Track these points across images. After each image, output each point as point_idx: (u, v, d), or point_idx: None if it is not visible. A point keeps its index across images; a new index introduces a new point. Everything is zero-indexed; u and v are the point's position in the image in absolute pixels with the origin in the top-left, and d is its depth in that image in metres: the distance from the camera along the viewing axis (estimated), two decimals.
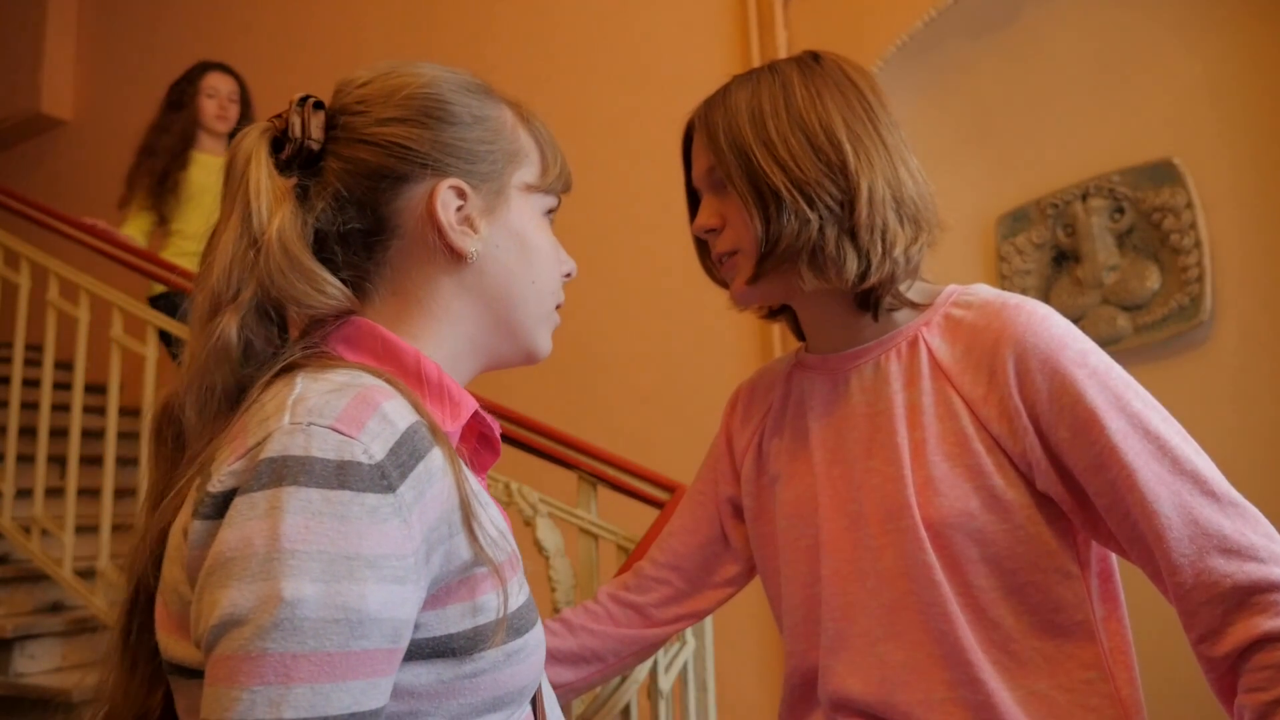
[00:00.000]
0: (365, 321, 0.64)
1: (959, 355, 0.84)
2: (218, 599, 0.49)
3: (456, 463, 0.58)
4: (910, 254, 0.84)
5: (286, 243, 0.61)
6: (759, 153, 0.82)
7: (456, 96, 0.68)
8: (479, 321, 0.69)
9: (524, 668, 0.60)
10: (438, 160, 0.66)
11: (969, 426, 0.82)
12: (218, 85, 3.00)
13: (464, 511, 0.57)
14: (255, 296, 0.61)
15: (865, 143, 0.83)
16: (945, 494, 0.81)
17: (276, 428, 0.53)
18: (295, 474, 0.50)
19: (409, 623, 0.53)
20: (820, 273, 0.83)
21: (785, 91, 0.85)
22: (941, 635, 0.80)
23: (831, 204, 0.81)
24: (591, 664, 1.01)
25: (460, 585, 0.56)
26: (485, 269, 0.68)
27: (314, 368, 0.59)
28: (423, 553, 0.54)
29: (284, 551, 0.48)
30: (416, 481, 0.54)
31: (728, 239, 0.88)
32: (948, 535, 0.80)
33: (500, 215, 0.69)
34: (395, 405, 0.56)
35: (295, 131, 0.65)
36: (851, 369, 0.90)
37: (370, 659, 0.50)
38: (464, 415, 0.64)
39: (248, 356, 0.62)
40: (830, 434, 0.91)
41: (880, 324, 0.89)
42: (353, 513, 0.50)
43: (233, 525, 0.50)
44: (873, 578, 0.85)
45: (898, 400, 0.86)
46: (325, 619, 0.48)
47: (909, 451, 0.83)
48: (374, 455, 0.52)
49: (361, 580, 0.49)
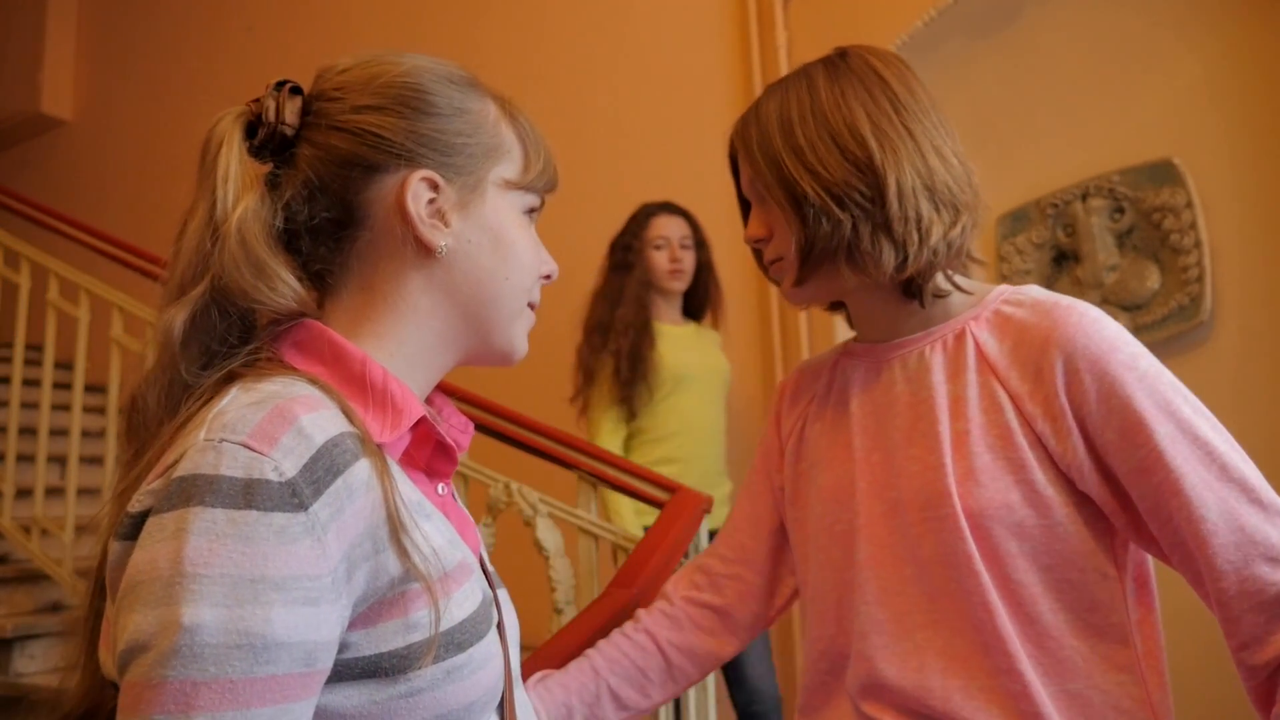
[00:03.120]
0: (316, 324, 0.63)
1: (1007, 351, 0.84)
2: (126, 624, 0.49)
3: (385, 476, 0.56)
4: (951, 239, 0.84)
5: (245, 233, 0.60)
6: (789, 160, 0.84)
7: (436, 87, 0.67)
8: (448, 318, 0.67)
9: (468, 684, 0.58)
10: (411, 150, 0.64)
11: (1013, 420, 0.82)
12: (666, 232, 2.34)
13: (391, 527, 0.55)
14: (209, 290, 0.59)
15: (890, 136, 0.83)
16: (986, 485, 0.81)
17: (192, 444, 0.52)
18: (202, 494, 0.49)
19: (327, 644, 0.51)
20: (859, 269, 0.84)
21: (811, 95, 0.86)
22: (980, 624, 0.80)
23: (862, 201, 0.82)
24: (679, 683, 1.00)
25: (393, 602, 0.55)
26: (455, 264, 0.66)
27: (252, 376, 0.58)
28: (343, 571, 0.52)
29: (185, 575, 0.47)
30: (333, 498, 0.52)
31: (774, 247, 0.90)
32: (987, 526, 0.80)
33: (474, 210, 0.67)
34: (318, 418, 0.54)
35: (269, 115, 0.64)
36: (895, 357, 0.91)
37: (279, 684, 0.48)
38: (405, 424, 0.61)
39: (204, 356, 0.60)
40: (871, 420, 0.91)
41: (927, 315, 0.89)
42: (258, 534, 0.49)
43: (142, 547, 0.50)
44: (911, 564, 0.85)
45: (941, 390, 0.86)
46: (226, 645, 0.47)
47: (951, 441, 0.84)
48: (285, 472, 0.50)
49: (266, 604, 0.48)
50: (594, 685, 0.95)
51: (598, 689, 0.95)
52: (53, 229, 3.02)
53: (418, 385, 0.67)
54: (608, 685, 0.95)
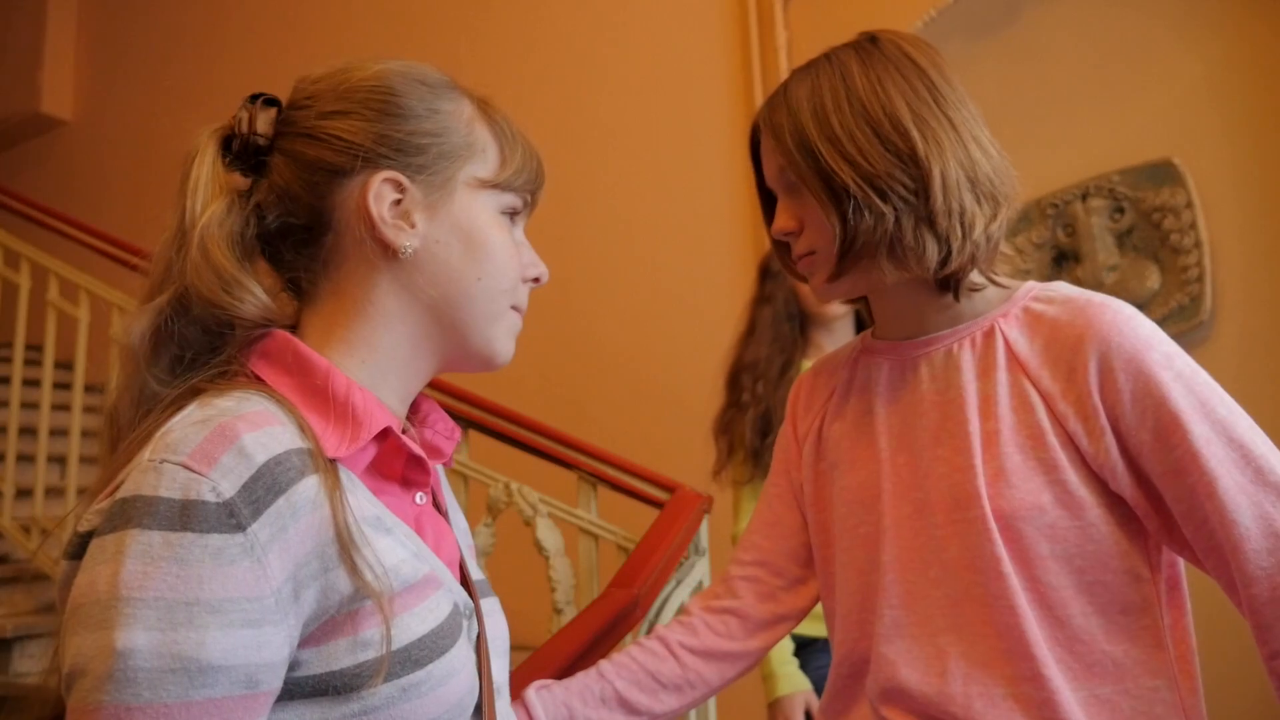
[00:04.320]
0: (283, 335, 0.62)
1: (1038, 349, 0.82)
2: (68, 647, 0.49)
3: (335, 493, 0.55)
4: (991, 232, 0.82)
5: (207, 241, 0.60)
6: (825, 150, 0.81)
7: (405, 88, 0.66)
8: (419, 322, 0.66)
9: (428, 701, 0.57)
10: (373, 152, 0.64)
11: (1045, 420, 0.80)
12: None
13: (340, 544, 0.54)
14: (174, 299, 0.60)
15: (932, 125, 0.81)
16: (1017, 486, 0.79)
17: (136, 464, 0.52)
18: (140, 516, 0.49)
19: (272, 665, 0.50)
20: (901, 264, 0.82)
21: (845, 81, 0.83)
22: (1006, 629, 0.79)
23: (905, 194, 0.79)
24: (696, 688, 0.98)
25: (343, 620, 0.54)
26: (423, 266, 0.65)
27: (212, 391, 0.57)
28: (288, 591, 0.51)
29: (120, 599, 0.47)
30: (275, 518, 0.51)
31: (806, 240, 0.86)
32: (1018, 528, 0.78)
33: (443, 210, 0.65)
34: (262, 435, 0.53)
35: (241, 127, 0.64)
36: (921, 355, 0.89)
37: (217, 707, 0.48)
38: (365, 436, 0.59)
39: (174, 365, 0.60)
40: (896, 420, 0.89)
41: (955, 312, 0.87)
42: (193, 556, 0.48)
43: (84, 569, 0.50)
44: (936, 567, 0.83)
45: (970, 390, 0.84)
46: (160, 669, 0.47)
47: (980, 441, 0.82)
48: (222, 493, 0.50)
49: (201, 627, 0.48)
50: (598, 687, 0.93)
51: (602, 690, 0.93)
52: (53, 229, 3.02)
53: (394, 392, 0.66)
54: (614, 688, 0.93)
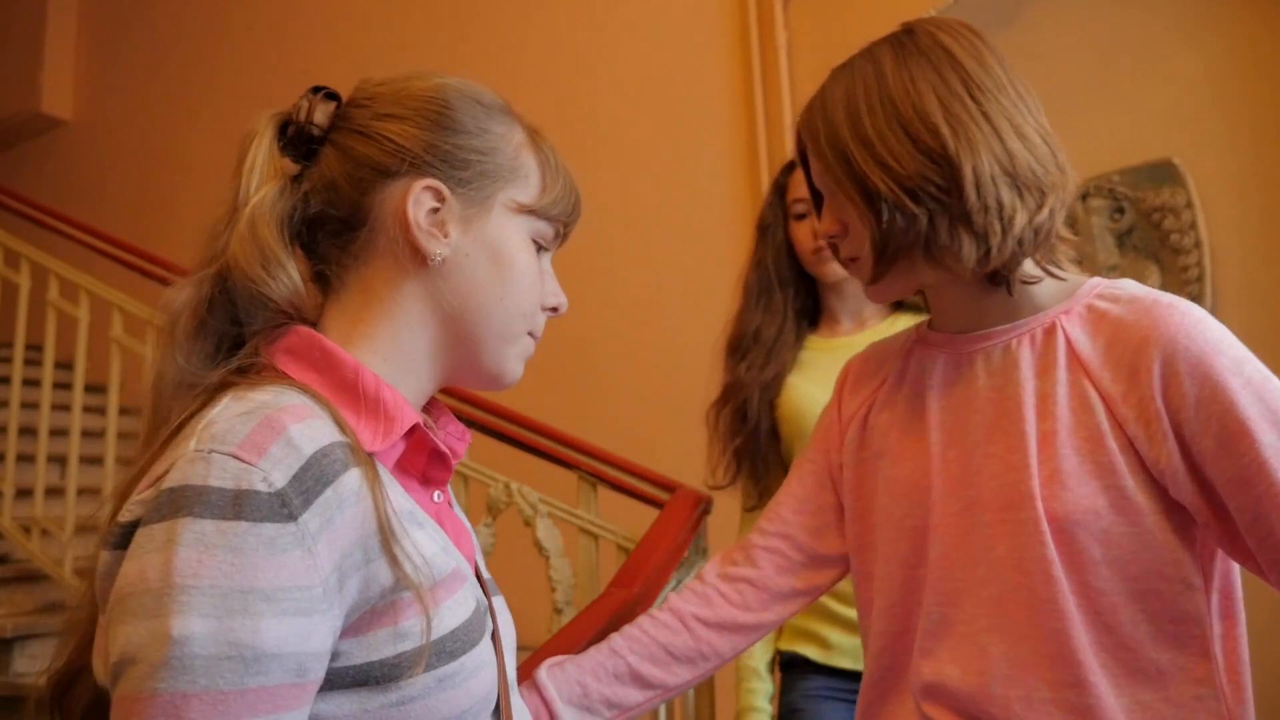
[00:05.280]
0: (307, 330, 0.63)
1: (1100, 349, 0.80)
2: (117, 636, 0.49)
3: (376, 485, 0.56)
4: (1038, 224, 0.79)
5: (256, 217, 0.62)
6: (858, 153, 0.80)
7: (461, 104, 0.69)
8: (439, 331, 0.67)
9: (460, 693, 0.58)
10: (422, 159, 0.66)
11: (1104, 423, 0.78)
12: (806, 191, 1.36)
13: (382, 536, 0.55)
14: (218, 274, 0.61)
15: (964, 120, 0.79)
16: (1072, 489, 0.77)
17: (181, 454, 0.52)
18: (191, 505, 0.49)
19: (319, 655, 0.51)
20: (938, 264, 0.81)
21: (879, 80, 0.82)
22: (1051, 633, 0.77)
23: (937, 194, 0.78)
24: (709, 659, 0.96)
25: (384, 611, 0.55)
26: (450, 277, 0.67)
27: (244, 385, 0.58)
28: (334, 581, 0.52)
29: (175, 587, 0.48)
30: (323, 508, 0.52)
31: (849, 244, 0.86)
32: (1070, 531, 0.77)
33: (478, 226, 0.68)
34: (307, 427, 0.54)
35: (299, 115, 0.67)
36: (978, 350, 0.87)
37: (270, 695, 0.49)
38: (398, 431, 0.62)
39: (215, 348, 0.62)
40: (949, 415, 0.87)
41: (1014, 306, 0.85)
42: (248, 544, 0.49)
43: (132, 558, 0.50)
44: (983, 566, 0.81)
45: (1028, 388, 0.82)
46: (216, 656, 0.47)
47: (1036, 441, 0.80)
48: (274, 483, 0.51)
49: (256, 615, 0.48)
50: (611, 663, 0.92)
51: (615, 666, 0.92)
52: (53, 229, 3.02)
53: (412, 392, 0.67)
54: (627, 663, 0.92)
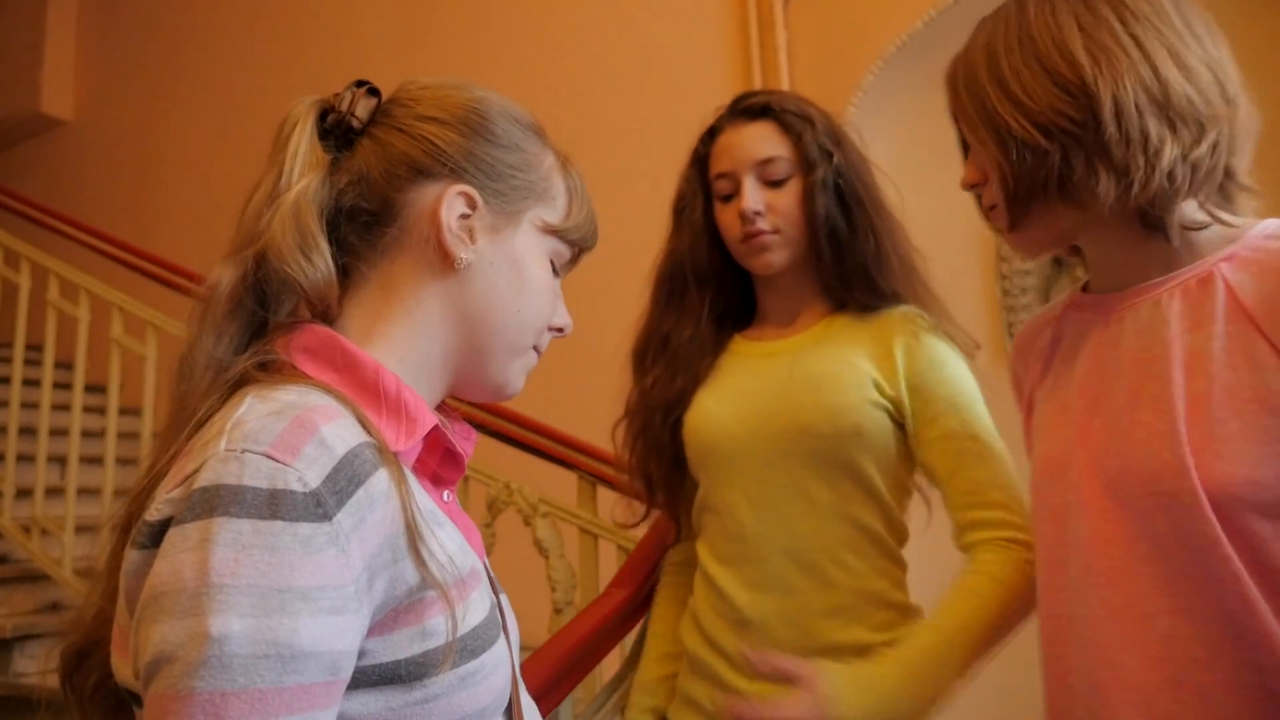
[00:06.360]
0: (324, 329, 0.64)
1: (1268, 295, 0.72)
2: (150, 635, 0.49)
3: (403, 485, 0.56)
4: (1196, 159, 0.73)
5: (300, 203, 0.63)
6: (993, 93, 0.78)
7: (501, 120, 0.70)
8: (455, 335, 0.68)
9: (481, 690, 0.59)
10: (460, 166, 0.67)
11: (1276, 381, 0.69)
12: (733, 160, 1.20)
13: (409, 536, 0.55)
14: (258, 256, 0.62)
15: (1109, 46, 0.74)
16: (1229, 457, 0.69)
17: (212, 454, 0.52)
18: (226, 504, 0.50)
19: (350, 653, 0.52)
20: (1075, 202, 0.76)
21: (1020, 17, 0.79)
22: (1233, 615, 0.70)
23: (1070, 126, 0.74)
24: None
25: (408, 610, 0.55)
26: (472, 283, 0.68)
27: (266, 384, 0.58)
28: (364, 580, 0.53)
29: (212, 586, 0.48)
30: (355, 508, 0.52)
31: (989, 192, 0.83)
32: (1232, 506, 0.69)
33: (504, 237, 0.69)
34: (337, 427, 0.54)
35: (342, 105, 0.68)
36: (1127, 308, 0.80)
37: (306, 693, 0.49)
38: (419, 432, 0.62)
39: (245, 332, 0.62)
40: (1093, 380, 0.81)
41: (1168, 258, 0.78)
42: (284, 543, 0.49)
43: (165, 557, 0.50)
44: (1144, 542, 0.74)
45: (1177, 344, 0.75)
46: (255, 655, 0.47)
47: (1185, 403, 0.73)
48: (309, 483, 0.51)
49: (294, 614, 0.49)
50: None
51: None
52: (53, 229, 3.02)
53: (426, 393, 0.68)
54: None
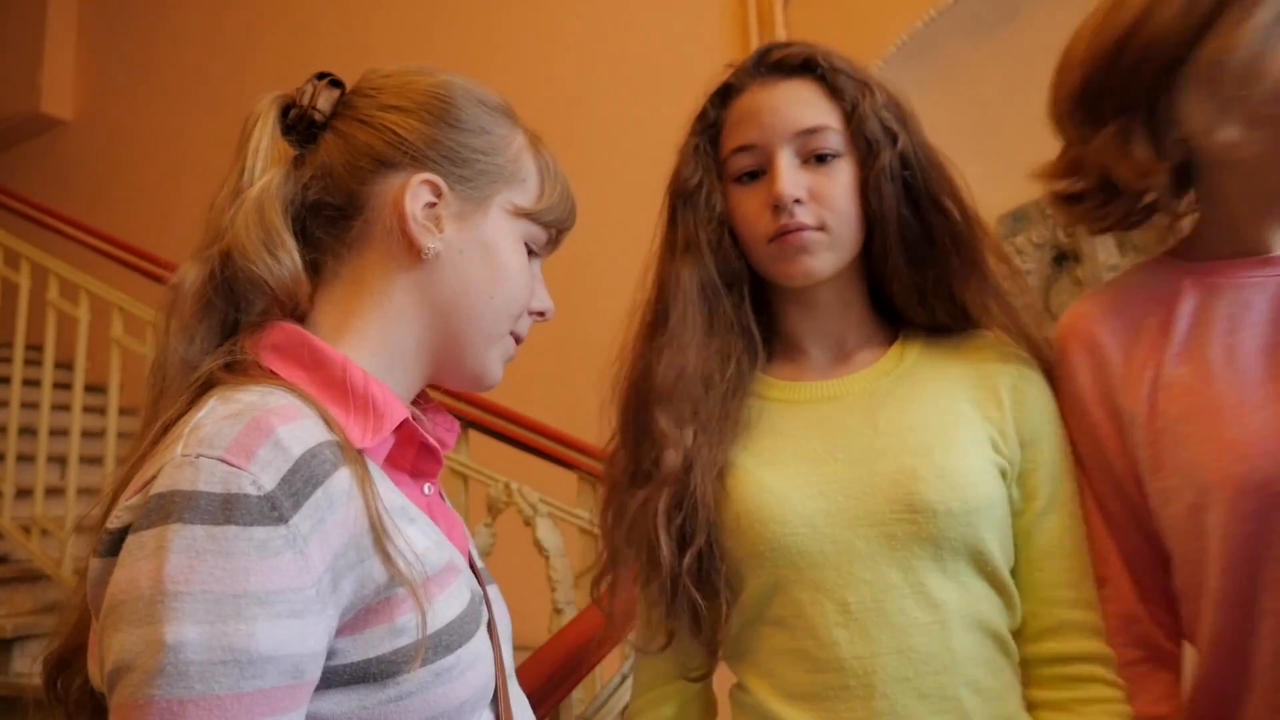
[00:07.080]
0: (292, 327, 0.63)
1: None
2: (111, 644, 0.49)
3: (366, 484, 0.55)
4: None
5: (263, 199, 0.62)
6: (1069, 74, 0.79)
7: (465, 103, 0.69)
8: (428, 326, 0.67)
9: (458, 685, 0.58)
10: (423, 154, 0.66)
11: None
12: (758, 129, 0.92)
13: (375, 533, 0.55)
14: (223, 254, 0.61)
15: None
16: None
17: (169, 459, 0.52)
18: (180, 510, 0.49)
19: (314, 655, 0.51)
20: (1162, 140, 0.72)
21: None
22: None
23: None
24: None
25: (379, 608, 0.55)
26: (442, 272, 0.66)
27: (231, 384, 0.58)
28: (327, 581, 0.52)
29: (167, 594, 0.47)
30: (314, 509, 0.52)
31: None
32: None
33: (473, 223, 0.67)
34: (295, 428, 0.54)
35: (303, 99, 0.67)
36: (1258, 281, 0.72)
37: (267, 698, 0.49)
38: (388, 427, 0.61)
39: (205, 332, 0.61)
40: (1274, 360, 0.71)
41: None
42: (239, 548, 0.49)
43: (123, 565, 0.50)
44: None
45: None
46: (211, 661, 0.47)
47: None
48: (263, 486, 0.50)
49: (250, 619, 0.48)
50: None
51: None
52: (53, 229, 3.02)
53: (401, 387, 0.67)
54: None
